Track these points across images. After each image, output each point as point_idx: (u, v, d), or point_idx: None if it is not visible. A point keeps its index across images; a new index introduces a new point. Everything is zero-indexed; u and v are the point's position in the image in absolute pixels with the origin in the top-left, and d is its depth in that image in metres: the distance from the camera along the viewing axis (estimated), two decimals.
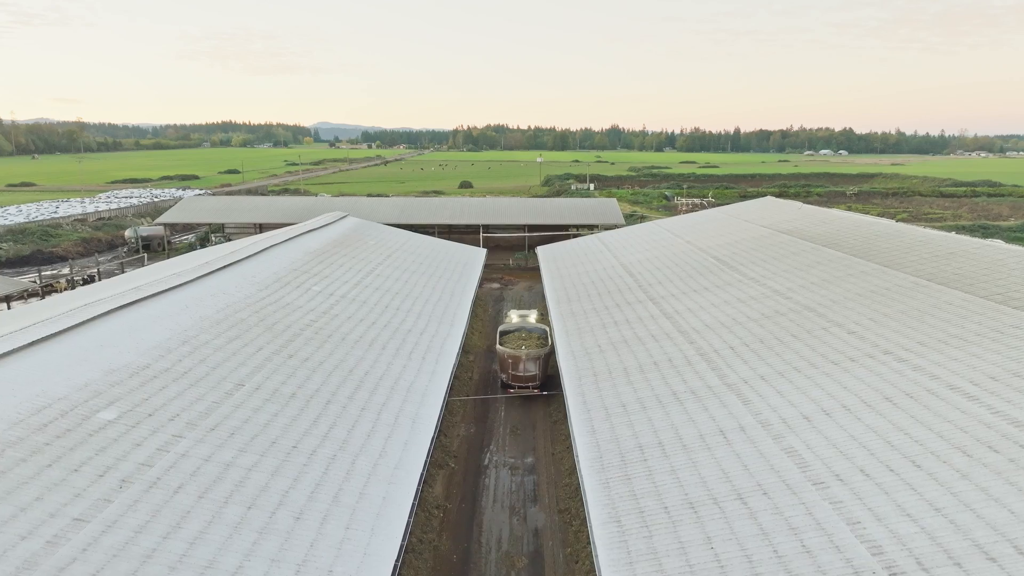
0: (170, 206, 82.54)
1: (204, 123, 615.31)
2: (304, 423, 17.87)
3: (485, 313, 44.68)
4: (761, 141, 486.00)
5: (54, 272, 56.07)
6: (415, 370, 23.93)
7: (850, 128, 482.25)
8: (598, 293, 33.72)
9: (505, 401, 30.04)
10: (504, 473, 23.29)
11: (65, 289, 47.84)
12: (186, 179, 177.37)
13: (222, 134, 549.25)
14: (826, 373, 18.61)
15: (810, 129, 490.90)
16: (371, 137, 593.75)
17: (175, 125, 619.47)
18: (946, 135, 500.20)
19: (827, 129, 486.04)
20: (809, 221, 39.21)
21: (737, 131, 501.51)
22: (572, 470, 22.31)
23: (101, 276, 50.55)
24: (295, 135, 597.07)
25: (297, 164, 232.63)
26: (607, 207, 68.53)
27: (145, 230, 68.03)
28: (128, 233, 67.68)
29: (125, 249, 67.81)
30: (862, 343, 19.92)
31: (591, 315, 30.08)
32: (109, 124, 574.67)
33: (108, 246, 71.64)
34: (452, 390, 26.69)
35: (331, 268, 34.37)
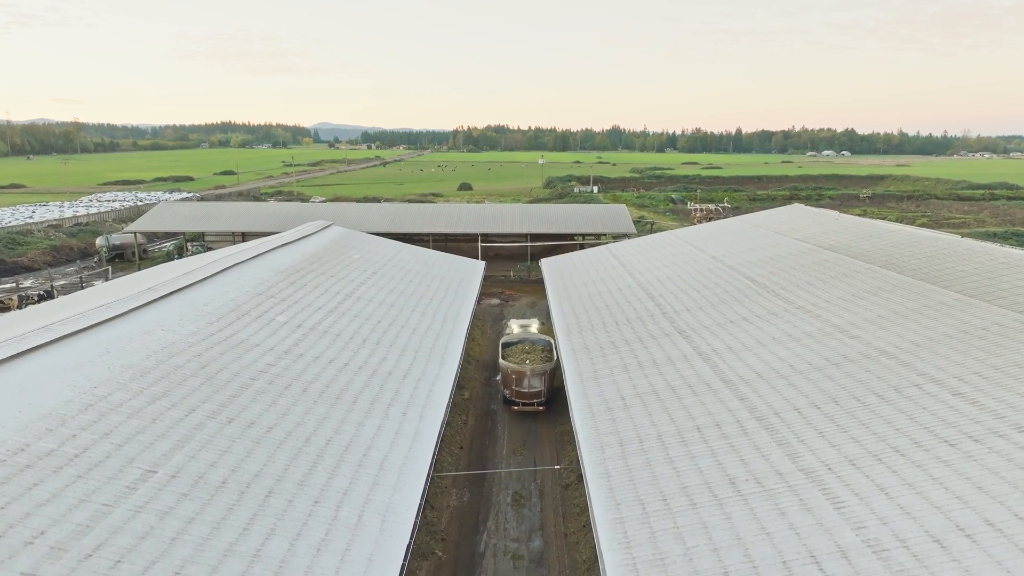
0: None
1: (203, 123, 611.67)
2: (228, 535, 12.98)
3: (483, 336, 39.79)
4: (763, 142, 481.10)
5: (13, 286, 51.23)
6: (392, 432, 19.05)
7: (852, 129, 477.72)
8: (615, 322, 28.82)
9: (505, 467, 25.18)
10: (505, 565, 18.38)
11: (17, 308, 42.99)
12: (180, 180, 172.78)
13: (221, 135, 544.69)
14: (941, 459, 13.72)
15: (812, 130, 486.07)
16: (371, 138, 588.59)
17: (174, 126, 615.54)
18: (949, 136, 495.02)
19: (829, 130, 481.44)
20: (853, 234, 34.30)
21: (739, 132, 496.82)
22: (592, 563, 17.47)
23: (56, 292, 45.68)
24: (295, 136, 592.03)
25: (292, 165, 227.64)
26: (616, 214, 63.60)
27: (117, 238, 63.07)
28: (99, 241, 62.77)
29: (96, 259, 62.91)
30: (979, 412, 15.04)
31: (609, 352, 25.18)
32: (108, 124, 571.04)
33: (81, 254, 66.79)
34: (443, 441, 21.82)
35: (303, 291, 29.50)
